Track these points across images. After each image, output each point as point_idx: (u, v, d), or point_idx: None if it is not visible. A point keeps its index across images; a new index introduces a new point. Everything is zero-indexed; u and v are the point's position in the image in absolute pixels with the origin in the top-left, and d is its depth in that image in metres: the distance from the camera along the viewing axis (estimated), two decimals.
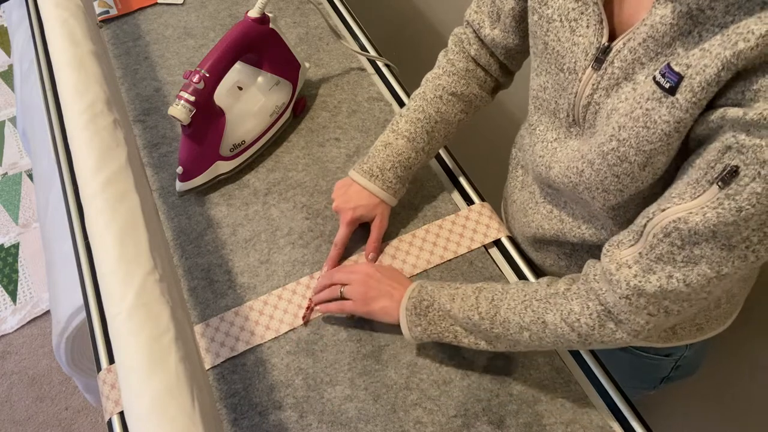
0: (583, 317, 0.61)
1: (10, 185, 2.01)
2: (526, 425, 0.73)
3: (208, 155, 0.88)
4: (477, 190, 0.93)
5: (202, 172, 0.88)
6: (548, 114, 0.68)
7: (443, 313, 0.72)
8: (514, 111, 1.43)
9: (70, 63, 0.66)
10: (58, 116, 0.97)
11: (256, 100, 0.93)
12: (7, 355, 1.69)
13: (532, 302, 0.65)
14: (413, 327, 0.73)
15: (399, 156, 0.82)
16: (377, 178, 0.82)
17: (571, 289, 0.63)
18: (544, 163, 0.70)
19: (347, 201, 0.82)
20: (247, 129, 0.92)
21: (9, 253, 1.86)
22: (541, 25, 0.63)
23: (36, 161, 1.24)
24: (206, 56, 0.83)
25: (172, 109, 0.80)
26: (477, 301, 0.69)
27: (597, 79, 0.58)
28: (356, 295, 0.76)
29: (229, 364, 0.77)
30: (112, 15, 1.15)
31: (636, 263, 0.56)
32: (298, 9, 1.18)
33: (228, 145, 0.89)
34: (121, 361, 0.48)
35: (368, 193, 0.82)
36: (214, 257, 0.86)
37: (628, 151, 0.55)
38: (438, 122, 0.82)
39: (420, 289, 0.74)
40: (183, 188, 0.89)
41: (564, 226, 0.74)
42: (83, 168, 0.59)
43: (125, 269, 0.52)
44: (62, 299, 0.99)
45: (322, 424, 0.73)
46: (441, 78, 0.82)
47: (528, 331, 0.65)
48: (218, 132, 0.88)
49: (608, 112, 0.57)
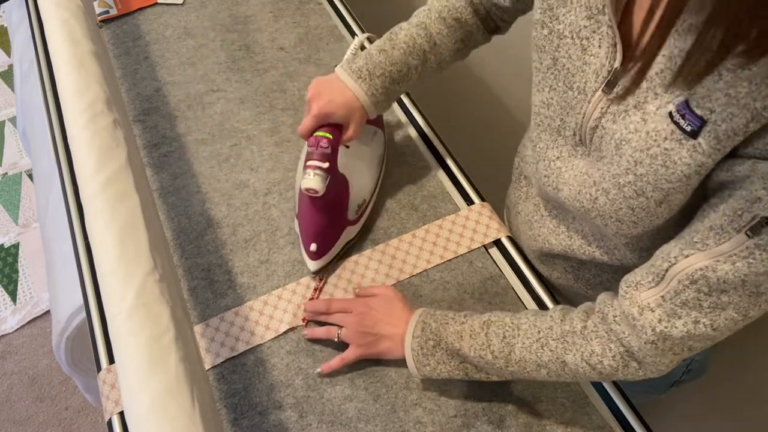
0: (606, 359, 0.60)
1: (10, 185, 2.01)
2: (526, 425, 0.73)
3: (339, 223, 0.82)
4: (477, 190, 0.93)
5: (334, 243, 0.82)
6: (550, 131, 0.66)
7: (452, 352, 0.69)
8: (515, 111, 1.43)
9: (70, 63, 0.66)
10: (58, 116, 0.97)
11: (365, 154, 0.89)
12: (7, 355, 1.69)
13: (548, 341, 0.63)
14: (421, 367, 0.70)
15: (392, 66, 0.77)
16: (364, 80, 0.76)
17: (587, 327, 0.61)
18: (551, 184, 0.68)
19: (324, 92, 0.75)
20: (366, 185, 0.87)
21: (9, 253, 1.86)
22: (551, 40, 0.61)
23: (36, 161, 1.24)
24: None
25: (307, 181, 0.72)
26: (488, 339, 0.66)
27: (606, 102, 0.57)
28: (355, 340, 0.74)
29: (229, 364, 0.77)
30: (112, 15, 1.15)
31: (659, 306, 0.55)
32: (298, 9, 1.18)
33: (354, 208, 0.84)
34: (121, 361, 0.48)
35: (351, 94, 0.76)
36: (214, 257, 0.86)
37: (645, 186, 0.55)
38: (436, 45, 0.79)
39: (423, 327, 0.71)
40: (318, 267, 0.81)
41: (572, 243, 0.73)
42: (83, 168, 0.59)
43: (125, 269, 0.52)
44: (62, 299, 0.99)
45: (322, 424, 0.73)
46: (448, 0, 0.79)
47: (546, 369, 0.64)
48: (346, 196, 0.82)
49: (617, 142, 0.56)
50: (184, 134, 0.99)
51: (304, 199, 0.79)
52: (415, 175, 0.95)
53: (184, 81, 1.05)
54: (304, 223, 0.81)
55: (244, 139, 0.98)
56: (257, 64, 1.08)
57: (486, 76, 1.46)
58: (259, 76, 1.07)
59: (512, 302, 0.83)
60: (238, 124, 1.00)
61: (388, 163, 0.96)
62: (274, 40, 1.12)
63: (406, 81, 0.79)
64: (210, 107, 1.02)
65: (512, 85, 1.40)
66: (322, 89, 0.76)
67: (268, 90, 1.05)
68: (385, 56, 0.77)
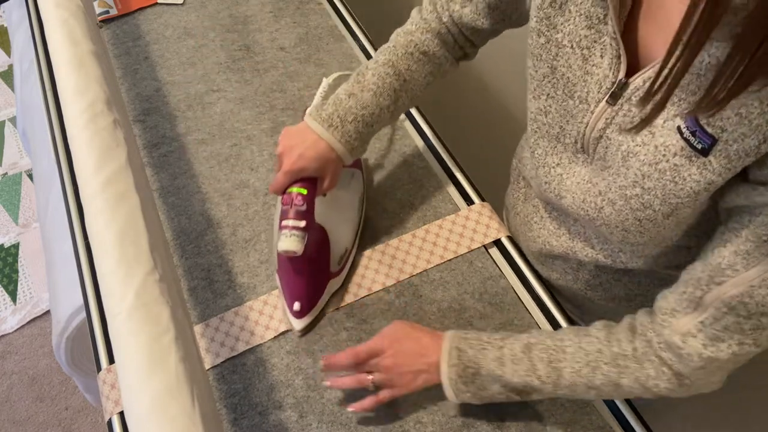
0: (662, 382, 0.60)
1: (10, 185, 2.01)
2: (526, 425, 0.73)
3: (322, 279, 0.79)
4: (477, 190, 0.93)
5: (318, 299, 0.79)
6: (549, 138, 0.66)
7: (493, 378, 0.66)
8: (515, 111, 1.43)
9: (70, 63, 0.66)
10: (58, 116, 0.97)
11: (344, 200, 0.85)
12: (7, 355, 1.69)
13: (599, 365, 0.62)
14: (460, 394, 0.67)
15: (363, 109, 0.74)
16: (336, 128, 0.72)
17: (637, 350, 0.61)
18: (552, 191, 0.68)
19: (294, 146, 0.72)
20: (346, 234, 0.83)
21: (9, 253, 1.86)
22: (548, 49, 0.60)
23: (36, 161, 1.24)
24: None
25: (285, 243, 0.69)
26: (532, 364, 0.64)
27: (611, 113, 0.56)
28: (393, 383, 0.70)
29: (229, 364, 0.77)
30: (112, 15, 1.15)
31: (700, 332, 0.55)
32: (298, 9, 1.18)
33: (336, 259, 0.80)
34: (121, 361, 0.48)
35: (324, 144, 0.72)
36: (214, 257, 0.86)
37: (653, 200, 0.55)
38: (406, 81, 0.76)
39: (459, 354, 0.67)
40: (303, 325, 0.78)
41: (574, 245, 0.72)
42: (83, 168, 0.59)
43: (125, 269, 0.52)
44: (62, 299, 0.99)
45: (322, 424, 0.73)
46: (414, 34, 0.76)
47: (596, 390, 0.63)
48: (326, 249, 0.79)
49: (624, 153, 0.56)
50: (184, 134, 0.99)
51: (283, 259, 0.77)
52: (415, 175, 0.95)
53: (184, 81, 1.05)
54: (286, 283, 0.78)
55: (244, 139, 0.98)
56: (257, 64, 1.08)
57: (486, 76, 1.46)
58: (259, 76, 1.07)
59: (512, 302, 0.83)
60: (238, 124, 1.00)
61: (389, 163, 0.96)
62: (274, 40, 1.12)
63: (379, 122, 0.76)
64: (210, 107, 1.02)
65: (512, 84, 1.40)
66: (293, 143, 0.72)
67: (268, 90, 1.05)
68: (354, 100, 0.74)
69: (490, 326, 0.81)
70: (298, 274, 0.77)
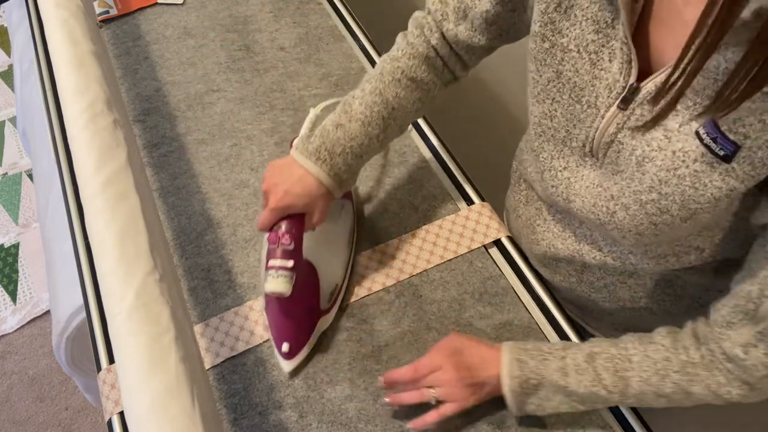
0: (734, 389, 0.59)
1: (10, 185, 2.01)
2: (526, 425, 0.73)
3: (311, 318, 0.76)
4: (477, 190, 0.93)
5: (308, 339, 0.75)
6: (554, 142, 0.65)
7: (557, 389, 0.66)
8: (515, 111, 1.43)
9: (70, 63, 0.66)
10: (58, 116, 0.97)
11: (334, 234, 0.82)
12: (7, 355, 1.69)
13: (669, 374, 0.61)
14: (523, 406, 0.68)
15: (351, 141, 0.71)
16: (324, 161, 0.70)
17: (705, 357, 0.60)
18: (560, 194, 0.67)
19: (280, 183, 0.69)
20: (337, 269, 0.80)
21: (9, 253, 1.86)
22: (553, 54, 0.59)
23: (36, 161, 1.24)
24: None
25: (272, 284, 0.67)
26: (597, 374, 0.64)
27: (623, 118, 0.56)
28: (456, 397, 0.68)
29: (229, 364, 0.77)
30: (112, 15, 1.15)
31: (760, 342, 0.55)
32: (298, 9, 1.18)
33: (326, 297, 0.78)
34: (121, 361, 0.48)
35: (311, 179, 0.69)
36: (214, 257, 0.86)
37: (671, 205, 0.54)
38: (395, 109, 0.73)
39: (521, 366, 0.66)
40: (293, 366, 0.75)
41: (581, 248, 0.71)
42: (83, 168, 0.59)
43: (125, 269, 0.52)
44: (62, 299, 0.99)
45: (322, 424, 0.73)
46: (400, 60, 0.73)
47: (666, 398, 0.63)
48: (315, 287, 0.76)
49: (638, 158, 0.55)
50: (184, 134, 0.99)
51: (270, 298, 0.74)
52: (415, 175, 0.95)
53: (184, 81, 1.05)
54: (274, 323, 0.75)
55: (244, 139, 0.98)
56: (257, 64, 1.08)
57: (486, 75, 1.46)
58: (259, 76, 1.07)
59: (512, 302, 0.83)
60: (238, 124, 1.00)
61: (388, 164, 0.96)
62: (274, 40, 1.12)
63: (368, 153, 0.74)
64: (210, 107, 1.02)
65: (512, 84, 1.40)
66: (279, 179, 0.69)
67: (268, 90, 1.05)
68: (342, 131, 0.71)
69: (490, 326, 0.81)
70: (286, 314, 0.74)
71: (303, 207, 0.70)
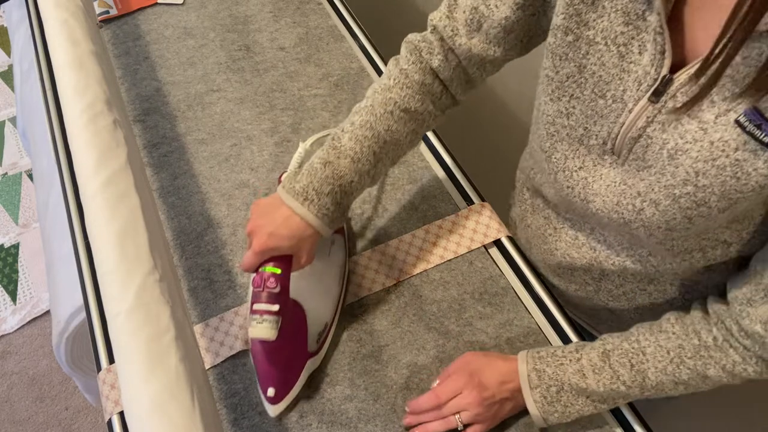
0: (749, 366, 0.60)
1: (10, 185, 2.01)
2: (526, 425, 0.73)
3: (298, 361, 0.73)
4: (477, 190, 0.93)
5: (295, 382, 0.72)
6: (569, 141, 0.63)
7: (578, 392, 0.67)
8: (516, 111, 1.43)
9: (70, 63, 0.66)
10: (58, 116, 0.97)
11: (322, 272, 0.78)
12: (7, 355, 1.69)
13: (683, 360, 0.62)
14: (549, 416, 0.68)
15: (340, 179, 0.68)
16: (312, 202, 0.66)
17: (718, 339, 0.61)
18: (577, 195, 0.65)
19: (265, 224, 0.66)
20: (325, 309, 0.77)
21: (9, 253, 1.86)
22: (577, 47, 0.58)
23: (36, 161, 1.24)
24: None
25: (256, 330, 0.64)
26: (614, 371, 0.65)
27: (653, 111, 0.54)
28: (482, 418, 0.69)
29: (229, 364, 0.77)
30: (112, 15, 1.15)
31: None
32: (298, 9, 1.18)
33: (314, 338, 0.74)
34: (121, 361, 0.48)
35: (297, 220, 0.66)
36: (214, 257, 0.86)
37: (709, 197, 0.53)
38: (387, 142, 0.70)
39: (539, 374, 0.67)
40: (279, 411, 0.72)
41: (598, 255, 0.70)
42: (83, 168, 0.59)
43: (125, 269, 0.52)
44: (62, 299, 0.99)
45: (322, 424, 0.73)
46: (392, 90, 0.70)
47: (684, 385, 0.63)
48: (303, 329, 0.73)
49: (669, 151, 0.54)
50: (184, 134, 0.99)
51: (255, 342, 0.72)
52: (415, 175, 0.95)
53: (184, 81, 1.06)
54: (259, 367, 0.73)
55: (244, 139, 0.98)
56: (257, 64, 1.08)
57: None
58: (259, 76, 1.07)
59: (512, 302, 0.83)
60: (238, 124, 1.00)
61: None
62: (274, 40, 1.12)
63: (359, 189, 0.71)
64: (210, 107, 1.02)
65: (512, 84, 1.40)
66: (264, 221, 0.66)
67: (268, 90, 1.05)
68: (331, 169, 0.67)
69: (490, 326, 0.81)
70: (271, 359, 0.71)
71: (289, 249, 0.66)
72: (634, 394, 0.65)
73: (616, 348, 0.66)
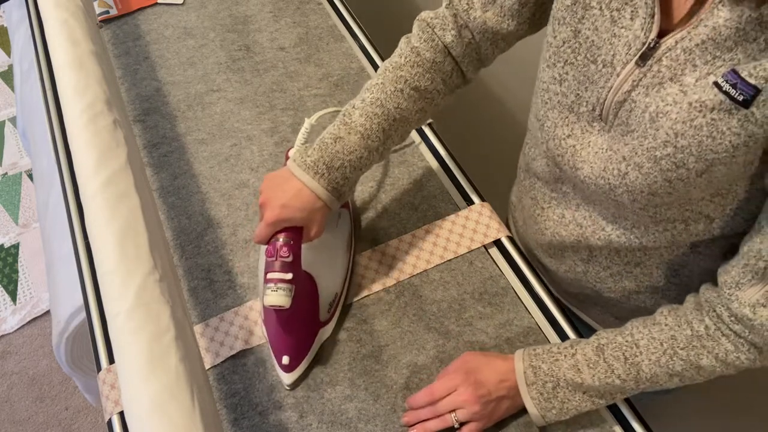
0: (742, 354, 0.60)
1: (10, 185, 2.01)
2: (526, 425, 0.73)
3: (311, 329, 0.76)
4: (477, 190, 0.93)
5: (308, 351, 0.75)
6: (560, 108, 0.64)
7: (574, 387, 0.67)
8: (515, 111, 1.43)
9: (70, 63, 0.66)
10: (58, 116, 0.97)
11: (331, 244, 0.81)
12: (7, 355, 1.69)
13: (676, 351, 0.62)
14: (547, 413, 0.68)
15: (350, 154, 0.70)
16: (322, 176, 0.68)
17: (709, 327, 0.61)
18: (567, 163, 0.66)
19: (277, 196, 0.68)
20: (335, 279, 0.79)
21: (9, 253, 1.86)
22: (574, 11, 0.59)
23: (36, 161, 1.24)
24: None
25: (270, 297, 0.67)
26: (608, 365, 0.65)
27: (639, 75, 0.55)
28: (478, 416, 0.69)
29: (229, 364, 0.77)
30: (112, 15, 1.15)
31: None
32: (298, 9, 1.18)
33: (325, 307, 0.77)
34: (121, 361, 0.48)
35: (308, 193, 0.68)
36: (214, 257, 0.86)
37: (687, 158, 0.54)
38: (396, 120, 0.72)
39: (534, 371, 0.68)
40: (294, 378, 0.74)
41: (584, 231, 0.71)
42: (83, 168, 0.59)
43: (125, 269, 0.52)
44: (62, 299, 0.99)
45: (322, 424, 0.73)
46: (403, 69, 0.71)
47: (678, 376, 0.63)
48: (315, 299, 0.75)
49: (651, 114, 0.55)
50: (184, 134, 0.99)
51: (269, 311, 0.74)
52: (415, 175, 0.95)
53: (184, 81, 1.06)
54: (273, 336, 0.75)
55: (244, 139, 0.98)
56: (257, 64, 1.08)
57: (486, 75, 1.47)
58: (259, 76, 1.07)
59: (512, 302, 0.83)
60: (238, 124, 1.00)
61: (388, 164, 0.96)
62: (274, 40, 1.12)
63: (368, 165, 0.72)
64: (210, 107, 1.02)
65: (512, 84, 1.40)
66: (275, 193, 0.68)
67: (268, 90, 1.05)
68: (341, 144, 0.69)
69: (490, 326, 0.81)
70: (285, 327, 0.73)
71: (301, 221, 0.69)
72: (629, 388, 0.66)
73: (611, 342, 0.66)
